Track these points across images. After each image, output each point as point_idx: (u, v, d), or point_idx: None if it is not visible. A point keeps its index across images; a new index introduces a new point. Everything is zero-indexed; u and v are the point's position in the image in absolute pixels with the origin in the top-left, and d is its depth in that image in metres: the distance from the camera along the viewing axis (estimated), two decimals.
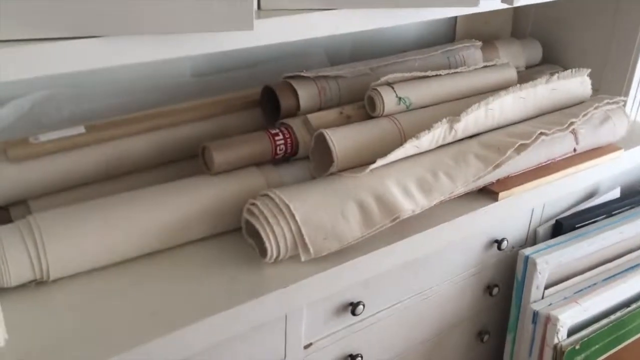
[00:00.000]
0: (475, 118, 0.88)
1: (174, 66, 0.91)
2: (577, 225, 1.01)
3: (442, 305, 0.95)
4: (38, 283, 0.67)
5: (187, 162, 0.85)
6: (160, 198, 0.74)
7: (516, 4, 0.72)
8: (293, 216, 0.73)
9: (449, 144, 0.87)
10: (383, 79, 0.87)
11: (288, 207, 0.73)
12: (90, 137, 0.78)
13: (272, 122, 0.89)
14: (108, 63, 0.54)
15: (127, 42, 0.53)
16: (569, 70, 1.00)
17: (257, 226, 0.72)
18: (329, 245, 0.74)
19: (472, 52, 1.03)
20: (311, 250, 0.73)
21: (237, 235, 0.77)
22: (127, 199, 0.74)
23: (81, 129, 0.78)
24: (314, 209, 0.74)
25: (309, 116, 0.84)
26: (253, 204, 0.74)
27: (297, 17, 0.63)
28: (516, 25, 1.27)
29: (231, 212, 0.77)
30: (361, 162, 0.82)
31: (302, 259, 0.73)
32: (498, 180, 0.91)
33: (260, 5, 0.63)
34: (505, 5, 0.73)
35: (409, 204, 0.79)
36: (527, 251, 0.96)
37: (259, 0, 0.63)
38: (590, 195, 1.07)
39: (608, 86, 1.14)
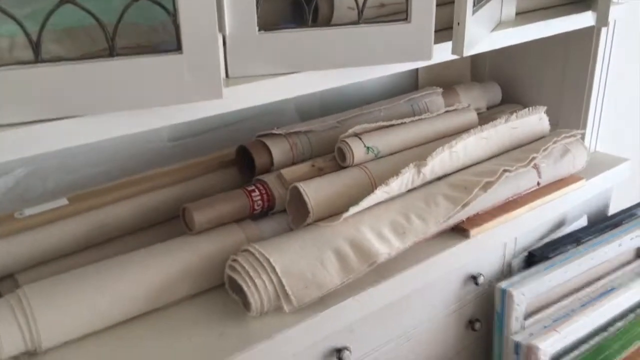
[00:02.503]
0: (441, 160, 0.93)
1: (151, 132, 0.95)
2: (549, 255, 1.05)
3: (428, 344, 0.98)
4: (30, 355, 0.69)
5: (169, 223, 0.88)
6: (145, 261, 0.77)
7: (465, 54, 0.77)
8: (273, 269, 0.76)
9: (418, 187, 0.92)
10: (351, 131, 0.92)
11: (268, 260, 0.76)
12: (73, 208, 0.81)
13: (248, 179, 0.93)
14: (90, 139, 0.58)
15: (106, 119, 0.57)
16: (527, 109, 1.06)
17: (240, 281, 0.75)
18: (311, 293, 0.77)
19: (434, 99, 1.09)
20: (293, 300, 0.75)
21: (223, 290, 0.80)
22: (113, 264, 0.76)
23: (64, 201, 0.81)
24: (294, 260, 0.77)
25: (283, 171, 0.88)
26: (234, 260, 0.77)
27: (263, 82, 0.68)
28: (475, 68, 1.34)
29: (215, 269, 0.80)
30: (336, 211, 0.86)
31: (286, 310, 0.75)
32: (468, 218, 0.95)
33: (228, 73, 0.68)
34: (456, 56, 0.79)
35: (385, 248, 0.83)
36: (504, 284, 0.99)
37: (226, 69, 0.67)
38: (559, 225, 1.12)
39: (566, 120, 1.21)
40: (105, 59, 0.56)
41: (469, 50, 0.79)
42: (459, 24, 0.75)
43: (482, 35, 0.85)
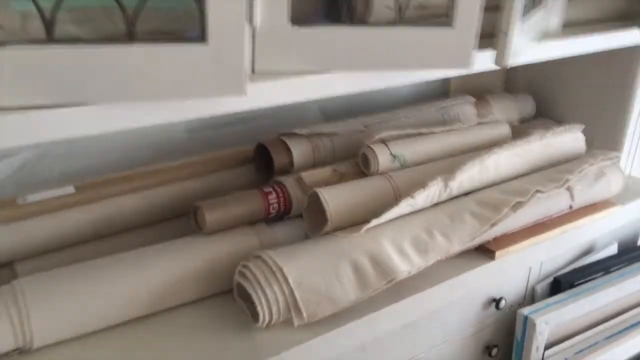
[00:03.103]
0: (469, 175, 0.87)
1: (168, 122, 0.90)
2: (575, 283, 1.00)
3: None
4: (21, 352, 0.65)
5: (178, 220, 0.84)
6: (149, 261, 0.73)
7: (509, 66, 0.72)
8: (286, 279, 0.71)
9: (444, 201, 0.87)
10: (377, 137, 0.86)
11: (281, 270, 0.71)
12: (79, 197, 0.77)
13: (265, 179, 0.88)
14: (100, 130, 0.53)
15: (119, 109, 0.53)
16: (563, 127, 1.00)
17: (249, 290, 0.71)
18: (323, 309, 0.72)
19: (466, 109, 1.03)
20: (304, 314, 0.70)
21: (229, 297, 0.75)
22: (115, 261, 0.72)
23: (70, 189, 0.76)
24: (308, 272, 0.73)
25: (303, 175, 0.83)
26: (245, 266, 0.73)
27: (291, 80, 0.63)
28: (509, 78, 1.28)
29: (223, 273, 0.75)
30: (355, 221, 0.81)
31: (295, 323, 0.71)
32: (495, 239, 0.89)
33: (255, 68, 0.63)
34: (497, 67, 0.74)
35: (405, 265, 0.77)
36: (526, 310, 0.94)
37: (252, 64, 0.63)
38: (588, 251, 1.06)
39: (602, 140, 1.14)
40: (125, 43, 0.52)
41: (513, 62, 0.73)
42: (505, 33, 0.69)
43: (526, 45, 0.79)
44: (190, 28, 0.56)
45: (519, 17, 0.70)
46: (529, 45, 0.82)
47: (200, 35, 0.54)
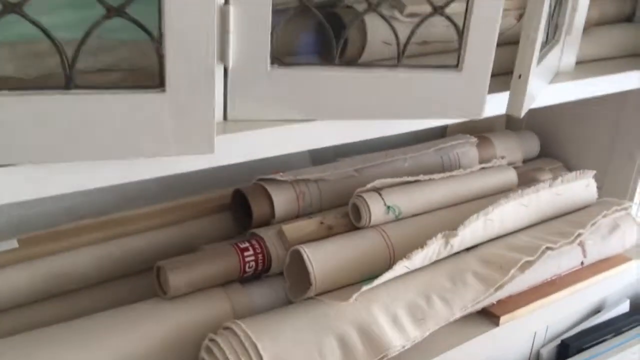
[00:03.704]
0: (473, 230, 0.78)
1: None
2: (584, 347, 0.90)
3: None
4: None
5: (143, 276, 0.73)
6: (103, 331, 0.62)
7: (523, 113, 0.63)
8: (261, 358, 0.61)
9: (443, 258, 0.77)
10: (370, 185, 0.77)
11: (255, 346, 0.61)
12: (25, 253, 0.66)
13: (245, 228, 0.78)
14: (29, 196, 0.43)
15: (52, 171, 0.43)
16: (574, 173, 0.91)
17: None
18: None
19: (467, 150, 0.94)
20: None
21: None
22: (60, 333, 0.61)
23: (14, 243, 0.66)
24: (287, 349, 0.62)
25: (285, 228, 0.73)
26: (212, 341, 0.62)
27: (270, 130, 0.53)
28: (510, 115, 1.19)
29: (189, 345, 0.65)
30: (343, 283, 0.71)
31: None
32: (499, 301, 0.80)
33: (227, 115, 0.53)
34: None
35: (399, 338, 0.67)
36: None
37: (225, 110, 0.53)
38: (597, 310, 0.97)
39: (612, 186, 1.06)
40: (60, 91, 0.41)
41: (527, 107, 0.64)
42: (520, 76, 0.60)
43: (540, 88, 0.70)
44: (147, 66, 0.47)
45: (537, 57, 0.60)
46: (543, 86, 0.73)
47: (158, 81, 0.44)
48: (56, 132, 0.41)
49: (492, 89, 0.64)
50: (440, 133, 1.09)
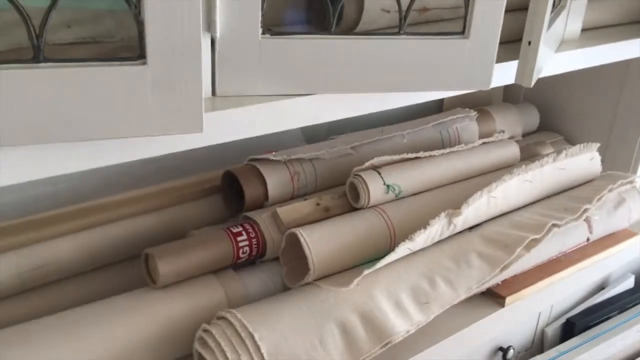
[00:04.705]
0: (476, 208, 0.74)
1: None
2: (590, 325, 0.87)
3: None
4: None
5: (129, 265, 0.69)
6: (89, 325, 0.58)
7: (533, 83, 0.59)
8: (258, 349, 0.57)
9: (445, 238, 0.73)
10: (368, 163, 0.73)
11: (252, 336, 0.57)
12: (4, 242, 0.62)
13: (237, 212, 0.74)
14: (5, 182, 0.39)
15: (27, 154, 0.38)
16: (578, 146, 0.88)
17: None
18: None
19: (468, 124, 0.90)
20: None
21: None
22: (43, 327, 0.57)
23: None
24: (286, 338, 0.59)
25: (279, 210, 0.69)
26: (207, 331, 0.58)
27: (263, 106, 0.49)
28: (508, 87, 1.15)
29: (183, 336, 0.61)
30: (342, 267, 0.67)
31: None
32: (504, 281, 0.77)
33: (215, 90, 0.48)
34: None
35: (403, 323, 0.64)
36: None
37: (213, 85, 0.48)
38: (602, 286, 0.94)
39: (613, 159, 1.02)
40: (28, 65, 0.37)
41: (537, 77, 0.60)
42: (530, 43, 0.56)
43: (547, 57, 0.66)
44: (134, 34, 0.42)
45: (547, 22, 0.56)
46: (550, 55, 0.69)
47: (138, 52, 0.40)
48: (24, 111, 0.36)
49: (498, 58, 0.61)
50: (437, 108, 1.05)
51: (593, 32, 0.82)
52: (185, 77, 0.40)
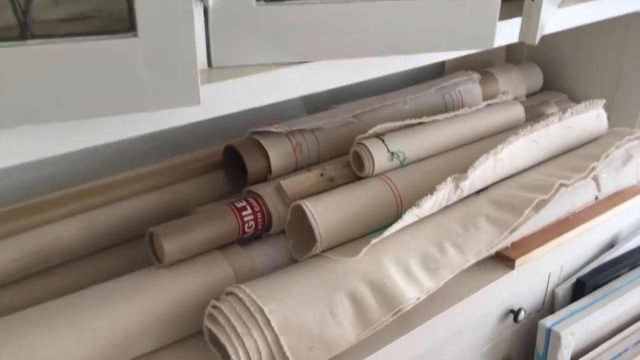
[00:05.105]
0: (483, 171, 0.73)
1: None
2: (600, 283, 0.87)
3: None
4: None
5: (133, 246, 0.69)
6: (96, 306, 0.57)
7: (537, 40, 0.57)
8: (268, 322, 0.57)
9: (453, 204, 0.72)
10: (371, 131, 0.71)
11: (262, 311, 0.57)
12: (3, 228, 0.61)
13: (239, 188, 0.73)
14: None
15: (13, 135, 0.37)
16: (583, 104, 0.86)
17: (223, 340, 0.56)
18: (317, 356, 0.58)
19: (471, 87, 0.88)
20: None
21: (201, 340, 0.61)
22: (51, 310, 0.57)
23: None
24: (295, 310, 0.58)
25: (283, 183, 0.68)
26: (216, 308, 0.58)
27: (260, 76, 0.48)
28: (510, 46, 1.13)
29: (191, 314, 0.61)
30: (350, 237, 0.67)
31: None
32: (513, 244, 0.76)
33: (211, 62, 0.47)
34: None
35: (413, 290, 0.63)
36: (548, 321, 0.81)
37: (208, 56, 0.47)
38: (610, 245, 0.93)
39: (619, 115, 1.01)
40: (15, 42, 0.35)
41: (541, 34, 0.58)
42: None
43: (551, 13, 0.64)
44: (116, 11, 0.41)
45: None
46: (553, 10, 0.67)
47: (129, 25, 0.38)
48: (14, 90, 0.35)
49: (500, 16, 0.59)
50: (438, 72, 1.03)
51: None
52: (178, 48, 0.39)
